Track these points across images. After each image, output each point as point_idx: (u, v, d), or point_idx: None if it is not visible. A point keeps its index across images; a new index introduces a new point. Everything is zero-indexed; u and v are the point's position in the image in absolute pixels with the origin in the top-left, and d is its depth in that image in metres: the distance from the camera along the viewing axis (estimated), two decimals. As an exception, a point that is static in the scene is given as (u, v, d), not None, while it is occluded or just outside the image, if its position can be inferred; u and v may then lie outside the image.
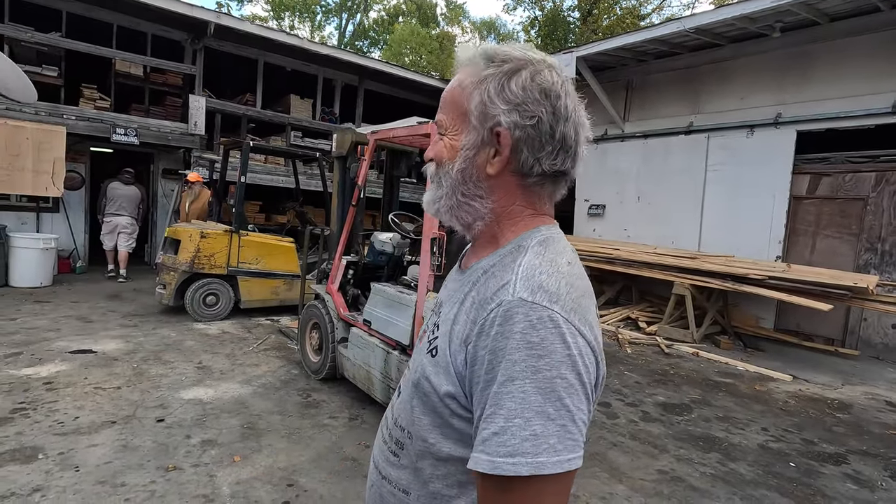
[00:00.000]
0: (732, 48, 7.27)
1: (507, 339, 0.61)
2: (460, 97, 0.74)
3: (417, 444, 0.74)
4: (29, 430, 2.97)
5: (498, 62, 0.72)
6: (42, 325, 5.09)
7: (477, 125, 0.72)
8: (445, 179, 0.76)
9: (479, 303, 0.68)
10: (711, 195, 7.49)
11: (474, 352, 0.65)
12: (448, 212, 0.77)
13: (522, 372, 0.59)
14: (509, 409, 0.59)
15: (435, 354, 0.73)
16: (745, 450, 3.43)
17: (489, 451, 0.59)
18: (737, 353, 6.04)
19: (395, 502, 0.78)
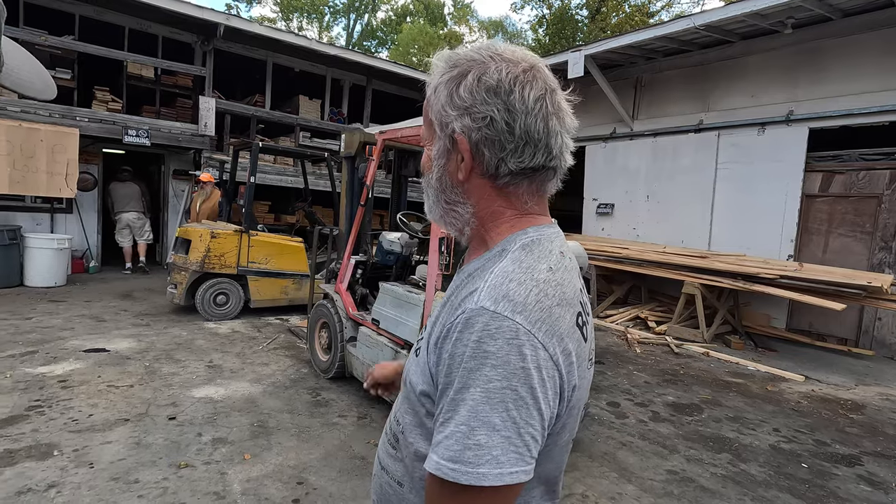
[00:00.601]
0: (743, 45, 7.19)
1: (465, 346, 0.61)
2: (427, 108, 0.75)
3: (405, 440, 0.76)
4: (44, 427, 3.02)
5: (450, 67, 0.71)
6: (56, 324, 5.17)
7: (440, 133, 0.73)
8: (429, 189, 0.77)
9: (451, 307, 0.69)
10: (722, 194, 7.42)
11: (440, 354, 0.66)
12: (441, 219, 0.78)
13: (476, 381, 0.59)
14: (461, 415, 0.59)
15: (418, 354, 0.74)
16: (757, 450, 3.40)
17: (438, 453, 0.60)
18: (748, 352, 5.98)
19: (392, 493, 0.80)
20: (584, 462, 3.10)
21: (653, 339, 6.25)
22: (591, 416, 3.72)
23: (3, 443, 2.81)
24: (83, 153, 7.58)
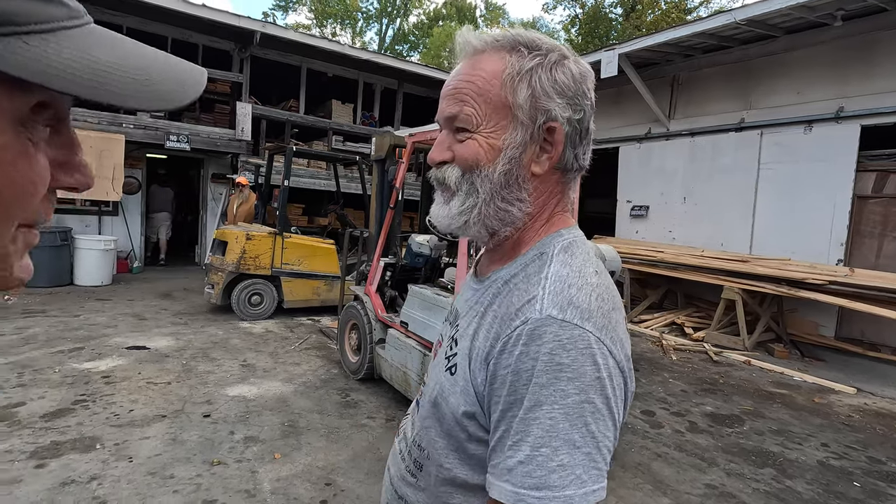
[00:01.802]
0: (788, 39, 6.87)
1: (535, 360, 0.57)
2: (496, 89, 0.64)
3: (434, 468, 0.69)
4: (88, 420, 3.15)
5: (539, 50, 0.65)
6: (102, 322, 5.40)
7: (525, 120, 0.64)
8: (483, 184, 0.65)
9: (503, 318, 0.63)
10: (764, 195, 7.10)
11: (494, 370, 0.60)
12: (479, 222, 0.67)
13: (550, 396, 0.55)
14: (536, 436, 0.55)
15: (454, 373, 0.67)
16: (804, 466, 3.22)
17: (514, 482, 0.56)
18: (793, 362, 5.69)
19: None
20: (616, 472, 3.00)
21: (690, 346, 6.03)
22: (623, 424, 3.60)
23: (50, 434, 2.94)
24: (128, 158, 7.94)
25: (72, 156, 0.38)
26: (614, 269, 3.05)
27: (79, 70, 0.31)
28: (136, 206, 8.84)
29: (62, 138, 0.37)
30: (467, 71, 0.67)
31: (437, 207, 0.71)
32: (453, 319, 0.76)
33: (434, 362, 0.77)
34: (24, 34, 0.29)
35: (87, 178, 0.39)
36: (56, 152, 0.36)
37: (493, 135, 0.65)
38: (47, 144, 0.36)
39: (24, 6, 0.29)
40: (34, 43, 0.30)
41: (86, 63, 0.32)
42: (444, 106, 0.68)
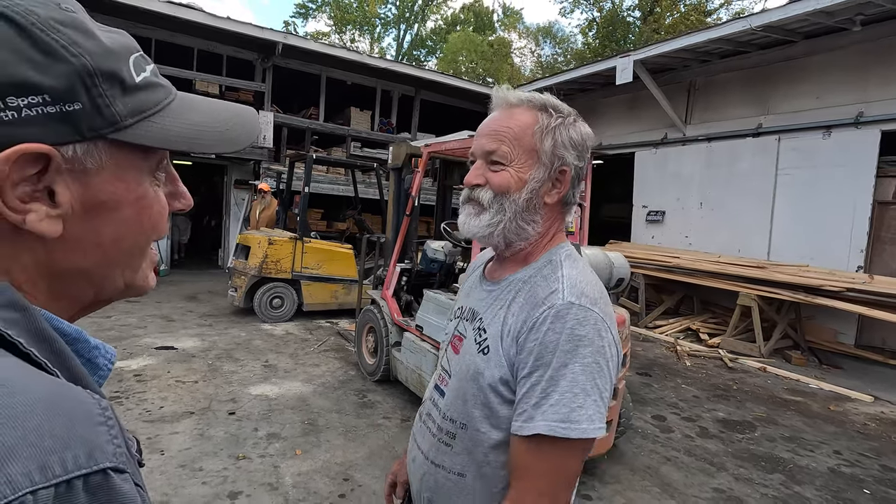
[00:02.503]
0: (807, 44, 6.83)
1: (560, 333, 0.77)
2: (528, 137, 0.86)
3: (471, 433, 0.87)
4: (123, 416, 3.35)
5: (561, 113, 0.88)
6: (132, 323, 5.66)
7: (547, 163, 0.86)
8: (510, 206, 0.86)
9: (531, 305, 0.83)
10: (782, 201, 7.05)
11: (523, 344, 0.80)
12: (501, 234, 0.87)
13: (573, 359, 0.76)
14: (563, 387, 0.75)
15: (487, 353, 0.86)
16: (813, 473, 3.24)
17: (547, 419, 0.75)
18: (810, 369, 5.65)
19: (452, 485, 0.90)
20: (625, 475, 3.08)
21: (704, 352, 6.02)
22: (633, 429, 3.66)
23: (88, 428, 3.14)
24: (156, 165, 8.25)
25: (177, 186, 0.51)
26: (623, 276, 3.12)
27: (183, 133, 0.45)
28: (163, 211, 9.18)
29: (168, 176, 0.50)
30: (505, 119, 0.88)
31: (468, 218, 0.90)
32: (470, 316, 0.95)
33: (460, 353, 0.93)
34: (150, 117, 0.43)
35: (189, 200, 0.53)
36: (168, 187, 0.50)
37: (522, 170, 0.86)
38: (163, 184, 0.49)
39: (147, 98, 0.43)
40: (156, 121, 0.43)
41: (187, 126, 0.46)
42: (485, 142, 0.88)
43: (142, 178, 0.45)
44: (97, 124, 0.40)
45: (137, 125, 0.42)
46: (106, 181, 0.42)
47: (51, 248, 0.41)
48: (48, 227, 0.39)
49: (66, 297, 0.45)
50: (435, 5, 29.61)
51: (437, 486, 0.92)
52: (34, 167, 0.38)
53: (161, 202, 0.48)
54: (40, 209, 0.39)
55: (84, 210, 0.41)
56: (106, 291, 0.47)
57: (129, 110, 0.41)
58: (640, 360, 5.65)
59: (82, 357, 0.43)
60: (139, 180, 0.45)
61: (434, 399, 0.97)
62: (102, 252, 0.44)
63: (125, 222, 0.44)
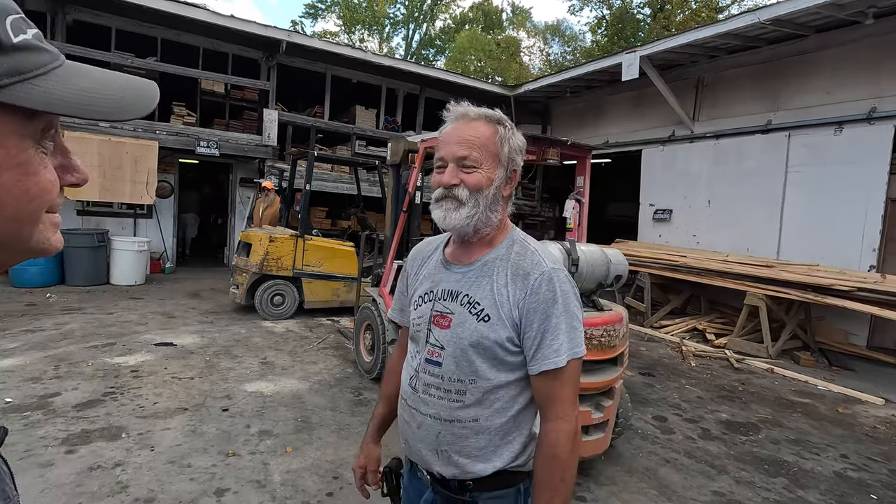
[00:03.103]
0: (818, 38, 6.68)
1: (553, 291, 1.02)
2: (492, 145, 1.05)
3: (480, 384, 1.06)
4: (116, 411, 3.35)
5: (507, 124, 1.09)
6: (133, 320, 5.69)
7: (505, 164, 1.07)
8: (483, 200, 1.05)
9: (522, 276, 1.04)
10: (792, 198, 6.90)
11: (525, 305, 1.03)
12: (476, 223, 1.06)
13: (567, 304, 1.03)
14: (566, 323, 1.02)
15: (488, 320, 1.05)
16: (818, 477, 3.14)
17: (566, 347, 1.01)
18: (819, 371, 5.51)
19: (469, 431, 1.07)
20: (621, 476, 3.00)
21: (710, 353, 5.90)
22: (632, 429, 3.58)
23: (81, 423, 3.14)
24: (161, 163, 8.30)
25: (69, 159, 0.48)
26: (620, 273, 3.04)
27: (69, 97, 0.43)
28: (169, 209, 9.23)
29: (59, 148, 0.47)
30: (469, 130, 1.06)
31: (448, 213, 1.06)
32: (449, 296, 1.10)
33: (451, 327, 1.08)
34: (31, 79, 0.41)
35: (82, 174, 0.50)
36: (58, 159, 0.47)
37: (489, 171, 1.06)
38: (52, 155, 0.46)
39: (27, 59, 0.41)
40: (38, 84, 0.41)
41: (74, 91, 0.43)
42: (457, 149, 1.05)
43: (24, 143, 0.43)
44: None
45: (16, 86, 0.40)
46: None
47: None
48: None
49: None
50: (444, 4, 29.57)
51: (455, 437, 1.07)
52: None
53: (50, 172, 0.45)
54: None
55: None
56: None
57: (4, 70, 0.39)
58: (644, 360, 5.55)
59: None
60: (21, 146, 0.42)
61: (429, 371, 1.11)
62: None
63: (5, 188, 0.42)
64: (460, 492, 1.10)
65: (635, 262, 7.27)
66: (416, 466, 1.19)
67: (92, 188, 7.53)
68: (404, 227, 4.28)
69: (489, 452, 1.08)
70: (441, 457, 1.10)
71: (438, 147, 1.08)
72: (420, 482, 1.18)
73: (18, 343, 4.59)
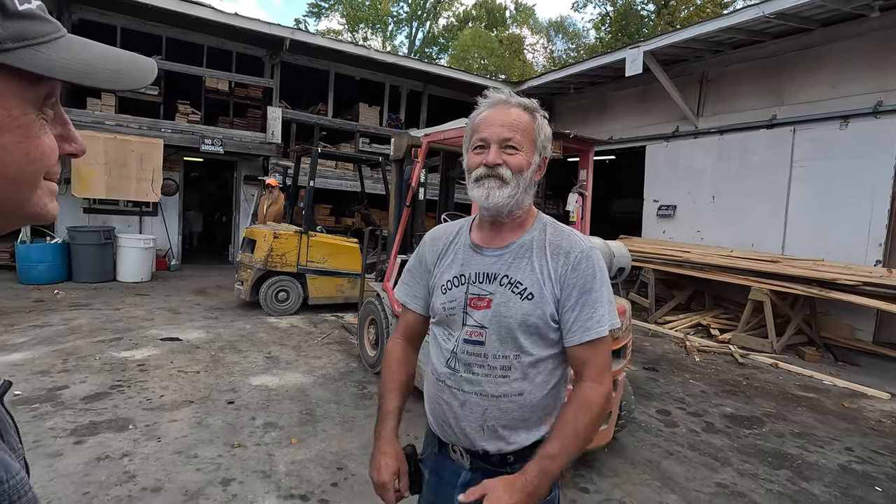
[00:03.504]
0: (823, 32, 6.63)
1: (593, 267, 1.10)
2: (531, 131, 1.12)
3: (525, 358, 1.12)
4: (123, 403, 3.39)
5: (542, 113, 1.15)
6: (140, 315, 5.73)
7: (539, 151, 1.14)
8: (522, 181, 1.10)
9: (563, 254, 1.11)
10: (797, 193, 6.87)
11: (566, 281, 1.10)
12: (517, 202, 1.11)
13: (604, 280, 1.12)
14: (606, 300, 1.10)
15: (532, 298, 1.10)
16: (823, 469, 3.13)
17: (606, 319, 1.09)
18: (825, 366, 5.48)
19: (514, 405, 1.12)
20: (625, 468, 3.01)
21: (714, 348, 5.89)
22: (635, 422, 3.58)
23: (89, 415, 3.18)
24: (166, 161, 8.36)
25: (67, 129, 0.50)
26: (623, 266, 3.05)
27: (70, 65, 0.45)
28: (174, 207, 9.29)
29: (59, 118, 0.49)
30: (510, 115, 1.11)
31: (491, 191, 1.10)
32: (484, 279, 1.14)
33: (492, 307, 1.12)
34: (35, 45, 0.43)
35: (80, 144, 0.52)
36: (58, 129, 0.49)
37: (528, 155, 1.12)
38: (52, 124, 0.48)
39: (32, 27, 0.43)
40: (41, 50, 0.43)
41: (75, 60, 0.45)
42: (501, 131, 1.09)
43: (26, 107, 0.44)
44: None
45: (20, 51, 0.42)
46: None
47: None
48: None
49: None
50: (447, 2, 29.54)
51: (502, 411, 1.12)
52: None
53: (50, 138, 0.47)
54: None
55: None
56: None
57: (9, 34, 0.41)
58: (648, 355, 5.55)
59: None
60: (23, 109, 0.44)
61: (468, 351, 1.14)
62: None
63: (7, 149, 0.44)
64: (501, 464, 1.14)
65: (639, 258, 7.26)
66: (448, 447, 1.20)
67: (98, 186, 7.60)
68: (408, 222, 4.30)
69: (531, 424, 1.14)
70: (487, 431, 1.13)
71: (478, 129, 1.12)
72: (454, 463, 1.19)
73: (27, 338, 4.64)
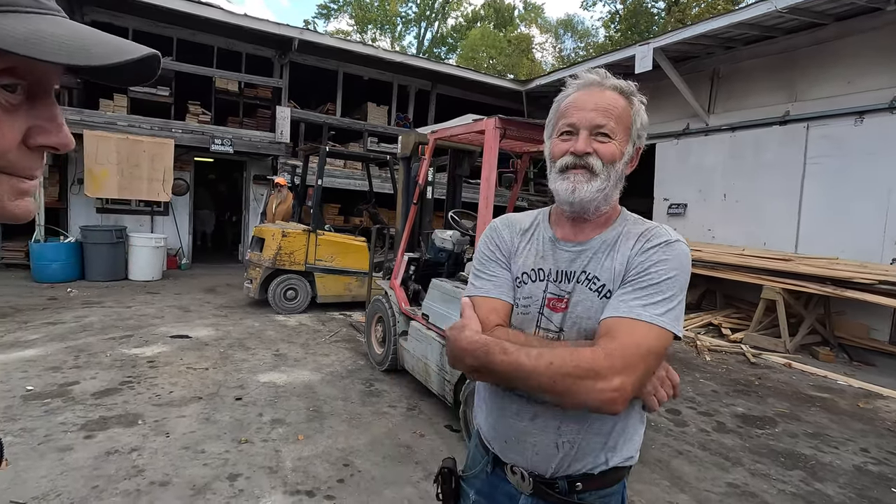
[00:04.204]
0: (838, 27, 6.52)
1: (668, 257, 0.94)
2: (627, 117, 0.98)
3: None
4: (133, 399, 3.41)
5: (639, 97, 1.00)
6: (150, 313, 5.79)
7: (635, 139, 1.00)
8: (613, 174, 0.97)
9: (642, 239, 0.97)
10: (811, 191, 6.76)
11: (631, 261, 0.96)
12: (605, 197, 0.98)
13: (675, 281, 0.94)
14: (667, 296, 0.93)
15: (609, 296, 0.96)
16: (837, 470, 3.07)
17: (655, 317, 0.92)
18: (839, 366, 5.39)
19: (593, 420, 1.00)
20: (634, 466, 2.96)
21: (726, 347, 5.81)
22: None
23: (99, 410, 3.21)
24: (177, 161, 8.44)
25: (51, 123, 0.46)
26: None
27: (22, 35, 0.39)
28: (185, 206, 9.38)
29: (42, 110, 0.46)
30: (604, 98, 0.97)
31: (579, 185, 0.97)
32: (564, 277, 1.01)
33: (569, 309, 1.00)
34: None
35: (62, 137, 0.48)
36: (35, 120, 0.46)
37: (621, 144, 0.97)
38: (26, 112, 0.45)
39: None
40: None
41: (30, 31, 0.40)
42: (594, 116, 0.96)
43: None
44: None
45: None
46: None
47: None
48: None
49: None
50: (455, 2, 29.52)
51: (580, 426, 0.97)
52: None
53: (5, 126, 0.43)
54: None
55: None
56: None
57: None
58: (658, 354, 5.48)
59: None
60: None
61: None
62: None
63: None
64: (568, 492, 0.99)
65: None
66: (507, 467, 1.04)
67: (111, 186, 7.69)
68: (415, 220, 4.29)
69: (610, 444, 0.99)
70: (561, 450, 0.98)
71: (566, 113, 0.99)
72: (511, 486, 1.04)
73: (40, 335, 4.70)
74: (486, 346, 0.92)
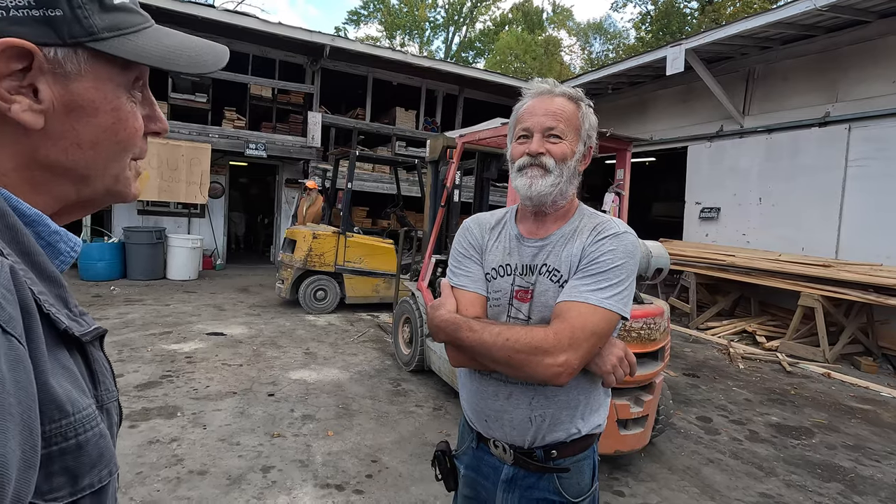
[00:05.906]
0: (881, 24, 6.27)
1: (616, 247, 1.06)
2: (576, 119, 1.10)
3: None
4: (172, 392, 3.57)
5: (586, 102, 1.13)
6: (187, 311, 6.02)
7: (584, 140, 1.12)
8: (566, 170, 1.08)
9: (594, 232, 1.09)
10: (853, 195, 6.50)
11: (584, 252, 1.08)
12: (560, 192, 1.09)
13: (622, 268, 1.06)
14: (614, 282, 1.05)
15: (564, 283, 1.08)
16: (879, 484, 2.96)
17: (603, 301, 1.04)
18: (883, 377, 5.16)
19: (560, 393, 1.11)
20: (662, 473, 2.93)
21: (760, 356, 5.64)
22: (674, 428, 3.49)
23: (141, 402, 3.37)
24: (213, 165, 8.75)
25: (154, 110, 0.56)
26: (661, 267, 2.98)
27: (156, 51, 0.50)
28: (220, 209, 9.70)
29: (146, 100, 0.55)
30: (554, 104, 1.09)
31: (534, 180, 1.09)
32: (528, 271, 1.12)
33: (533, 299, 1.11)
34: (126, 34, 0.48)
35: (164, 124, 0.58)
36: (146, 109, 0.55)
37: (572, 144, 1.10)
38: (140, 105, 0.54)
39: (125, 18, 0.49)
40: (132, 39, 0.49)
41: (160, 47, 0.51)
42: (544, 120, 1.08)
43: (118, 91, 0.50)
44: (76, 32, 0.44)
45: (114, 40, 0.47)
46: (85, 88, 0.47)
47: (34, 141, 0.46)
48: (31, 118, 0.44)
49: (48, 193, 0.49)
50: (484, 6, 29.60)
51: (549, 400, 1.09)
52: (19, 62, 0.43)
53: (137, 119, 0.52)
54: (24, 101, 0.44)
55: (65, 110, 0.46)
56: (86, 192, 0.52)
57: (106, 25, 0.46)
58: (689, 361, 5.38)
59: (42, 240, 0.46)
60: (116, 93, 0.50)
61: None
62: (81, 153, 0.48)
63: (102, 128, 0.49)
64: (545, 459, 1.11)
65: (680, 262, 7.05)
66: (489, 442, 1.16)
67: (151, 189, 8.03)
68: (442, 222, 4.34)
69: (578, 415, 1.11)
70: (534, 423, 1.10)
71: (521, 119, 1.12)
72: (495, 458, 1.16)
73: (86, 330, 4.95)
74: (455, 323, 1.07)
